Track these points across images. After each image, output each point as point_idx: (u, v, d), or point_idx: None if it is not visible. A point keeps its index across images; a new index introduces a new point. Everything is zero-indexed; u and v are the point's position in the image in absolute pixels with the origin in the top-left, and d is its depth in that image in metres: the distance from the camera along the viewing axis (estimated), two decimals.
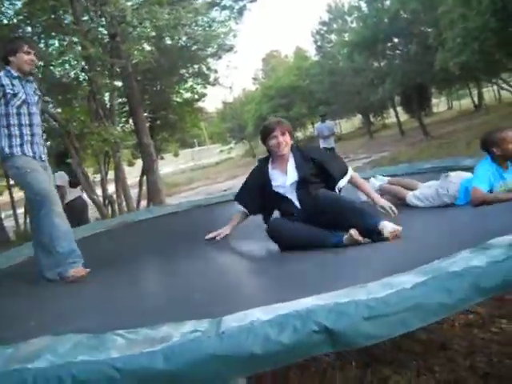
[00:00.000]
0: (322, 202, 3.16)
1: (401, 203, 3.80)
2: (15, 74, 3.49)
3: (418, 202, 3.72)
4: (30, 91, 3.57)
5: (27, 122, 3.51)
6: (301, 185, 3.39)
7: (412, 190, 3.88)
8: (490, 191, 3.26)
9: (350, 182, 3.58)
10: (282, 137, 3.44)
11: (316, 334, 1.32)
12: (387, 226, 2.83)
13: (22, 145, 3.46)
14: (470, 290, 1.38)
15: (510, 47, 11.99)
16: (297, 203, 3.39)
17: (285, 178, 3.44)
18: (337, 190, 3.45)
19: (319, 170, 3.45)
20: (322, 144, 12.65)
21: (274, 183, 3.48)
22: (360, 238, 2.86)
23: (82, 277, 3.32)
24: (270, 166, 3.55)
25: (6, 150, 3.43)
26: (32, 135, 3.53)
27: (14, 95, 3.44)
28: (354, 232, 2.86)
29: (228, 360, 1.32)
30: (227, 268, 3.43)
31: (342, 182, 3.49)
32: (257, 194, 3.59)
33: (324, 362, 3.09)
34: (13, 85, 3.44)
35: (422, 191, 3.76)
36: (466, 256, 1.61)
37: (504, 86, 16.20)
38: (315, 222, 3.17)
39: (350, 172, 3.57)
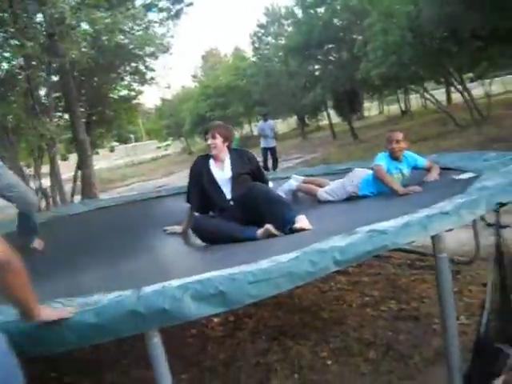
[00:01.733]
0: (255, 192, 3.65)
1: (314, 199, 4.38)
2: None
3: (328, 196, 4.28)
4: None
5: None
6: (234, 180, 3.87)
7: (322, 187, 4.45)
8: None
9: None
10: (211, 139, 3.93)
11: (213, 296, 1.78)
12: (300, 220, 3.31)
13: None
14: (328, 261, 1.89)
15: (425, 60, 12.98)
16: (229, 196, 3.85)
17: (221, 174, 3.91)
18: None
19: (251, 171, 3.99)
20: (263, 143, 12.84)
21: (213, 176, 3.93)
22: (275, 232, 3.32)
23: None
24: (210, 161, 3.99)
25: None
26: None
27: None
28: (269, 226, 3.33)
29: (144, 314, 1.74)
30: (155, 256, 3.85)
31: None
32: (199, 191, 4.00)
33: (237, 337, 3.56)
34: None
35: (331, 186, 4.33)
36: (336, 239, 2.11)
37: (426, 94, 17.26)
38: (244, 212, 3.65)
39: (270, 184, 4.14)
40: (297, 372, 2.96)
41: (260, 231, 3.37)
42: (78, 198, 11.88)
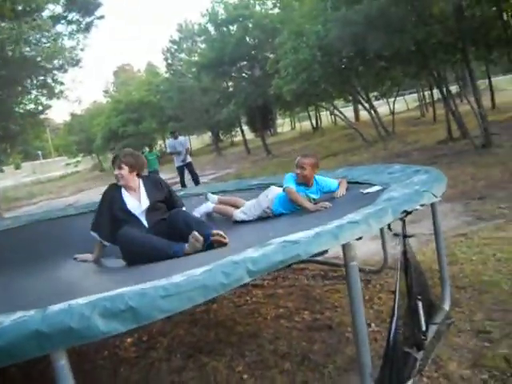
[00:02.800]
0: (175, 218, 3.59)
1: (229, 219, 4.36)
2: None
3: (243, 215, 4.26)
4: None
5: None
6: (150, 209, 3.76)
7: (238, 207, 4.44)
8: None
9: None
10: (117, 170, 3.80)
11: (123, 312, 1.71)
12: (217, 233, 3.27)
13: None
14: (242, 272, 1.88)
15: (333, 78, 13.51)
16: (145, 223, 3.71)
17: (137, 204, 3.76)
18: None
19: (165, 197, 3.91)
20: (178, 161, 12.50)
21: (127, 206, 3.76)
22: (201, 238, 3.22)
23: None
24: (123, 190, 3.82)
25: None
26: None
27: None
28: (195, 233, 3.24)
29: (49, 334, 1.64)
30: (63, 277, 3.69)
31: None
32: (110, 220, 3.80)
33: (151, 356, 3.46)
34: None
35: (246, 206, 4.34)
36: (249, 251, 2.10)
37: (335, 111, 17.95)
38: (162, 235, 3.53)
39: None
40: None
41: (187, 244, 3.27)
42: None
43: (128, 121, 30.70)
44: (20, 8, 8.71)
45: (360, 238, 2.29)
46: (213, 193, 4.88)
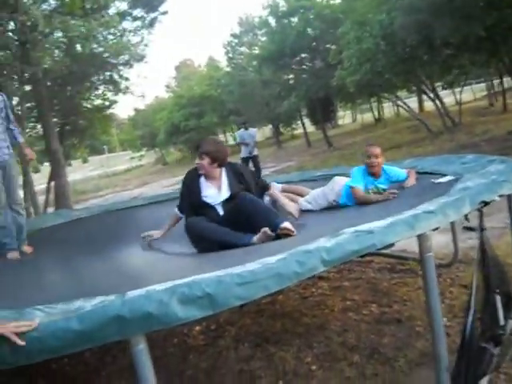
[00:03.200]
0: (243, 202, 3.53)
1: None
2: None
3: (309, 205, 4.22)
4: None
5: None
6: (229, 199, 3.69)
7: (303, 195, 4.40)
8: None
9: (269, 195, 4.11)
10: (198, 159, 3.74)
11: (200, 299, 1.73)
12: (285, 224, 3.26)
13: None
14: (316, 261, 1.86)
15: (397, 68, 13.19)
16: (221, 212, 3.68)
17: (216, 193, 3.71)
18: None
19: (247, 188, 3.79)
20: (244, 152, 12.33)
21: (204, 194, 3.72)
22: (272, 235, 3.19)
23: None
24: (202, 178, 3.78)
25: None
26: None
27: None
28: (266, 229, 3.20)
29: (129, 319, 1.68)
30: (137, 263, 3.79)
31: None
32: (190, 204, 3.79)
33: (219, 345, 3.50)
34: None
35: (311, 195, 4.29)
36: (322, 240, 2.09)
37: (399, 102, 17.53)
38: (234, 224, 3.49)
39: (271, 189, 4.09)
40: (281, 378, 2.92)
41: (256, 236, 3.24)
42: (51, 210, 11.68)
43: (190, 115, 31.14)
44: (88, 6, 9.01)
45: (436, 229, 2.23)
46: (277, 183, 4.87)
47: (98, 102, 13.01)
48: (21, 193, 5.09)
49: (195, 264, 3.26)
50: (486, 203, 2.38)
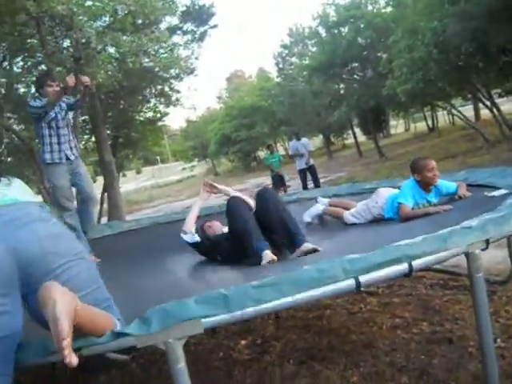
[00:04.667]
0: (265, 204, 3.60)
1: (340, 222, 4.27)
2: (44, 101, 4.53)
3: (354, 219, 4.15)
4: (57, 109, 4.67)
5: (54, 133, 4.65)
6: None
7: (350, 209, 4.32)
8: (414, 209, 3.72)
9: None
10: None
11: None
12: (306, 247, 3.25)
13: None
14: (337, 270, 1.85)
15: (451, 76, 12.85)
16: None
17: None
18: None
19: None
20: (300, 163, 12.03)
21: None
22: (275, 259, 3.20)
23: None
24: None
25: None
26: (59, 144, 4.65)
27: (46, 114, 4.57)
28: (274, 259, 3.21)
29: None
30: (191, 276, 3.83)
31: None
32: None
33: (265, 360, 3.46)
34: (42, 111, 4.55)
35: (357, 208, 4.21)
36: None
37: (453, 111, 17.07)
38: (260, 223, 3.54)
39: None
40: None
41: (265, 256, 3.24)
42: (104, 219, 11.97)
43: (240, 126, 31.43)
44: (140, 21, 9.25)
45: (486, 248, 2.12)
46: (325, 196, 4.81)
47: (149, 114, 13.31)
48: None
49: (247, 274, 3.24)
50: None
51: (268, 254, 3.22)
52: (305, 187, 11.87)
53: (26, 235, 1.81)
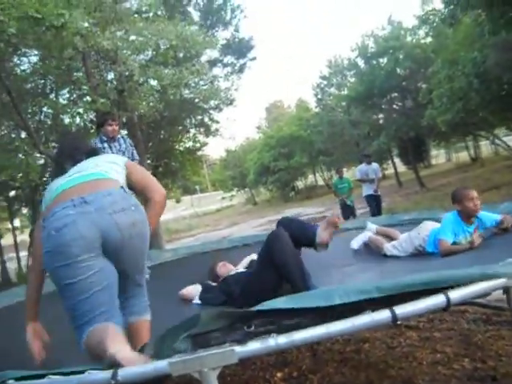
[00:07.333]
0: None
1: (381, 253, 4.21)
2: (104, 139, 4.94)
3: (394, 251, 4.09)
4: (115, 150, 4.96)
5: None
6: None
7: (395, 239, 4.26)
8: (455, 242, 3.65)
9: None
10: None
11: None
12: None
13: None
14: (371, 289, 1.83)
15: (493, 106, 12.66)
16: None
17: None
18: None
19: None
20: (367, 189, 10.93)
21: None
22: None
23: None
24: None
25: None
26: None
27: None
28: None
29: None
30: None
31: None
32: None
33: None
34: (104, 147, 4.87)
35: (398, 240, 4.15)
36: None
37: (497, 141, 16.78)
38: None
39: None
40: None
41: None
42: None
43: (279, 155, 31.55)
44: (181, 55, 9.50)
45: None
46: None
47: (189, 144, 13.52)
48: None
49: None
50: None
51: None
52: (373, 214, 10.65)
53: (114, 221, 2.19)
